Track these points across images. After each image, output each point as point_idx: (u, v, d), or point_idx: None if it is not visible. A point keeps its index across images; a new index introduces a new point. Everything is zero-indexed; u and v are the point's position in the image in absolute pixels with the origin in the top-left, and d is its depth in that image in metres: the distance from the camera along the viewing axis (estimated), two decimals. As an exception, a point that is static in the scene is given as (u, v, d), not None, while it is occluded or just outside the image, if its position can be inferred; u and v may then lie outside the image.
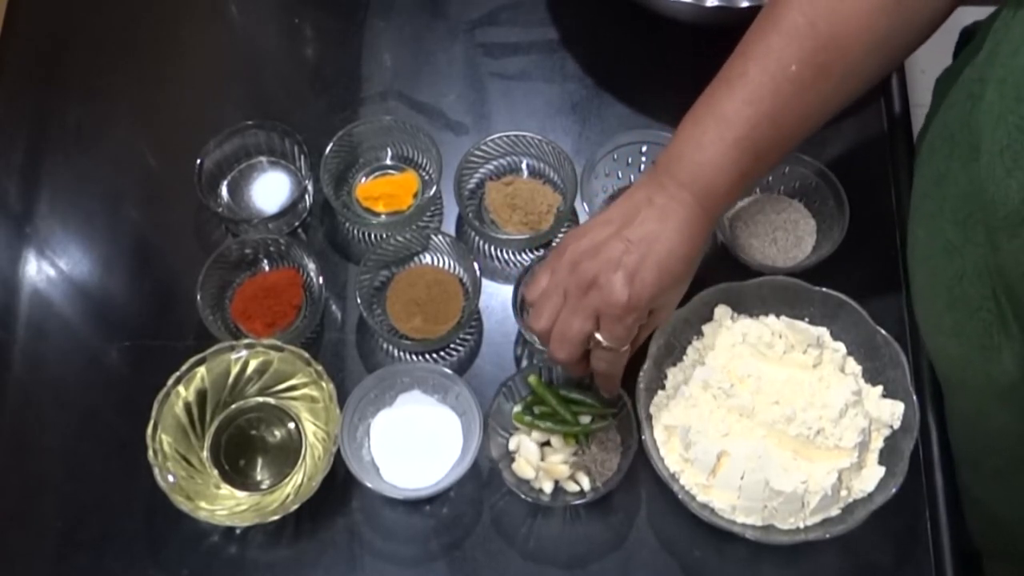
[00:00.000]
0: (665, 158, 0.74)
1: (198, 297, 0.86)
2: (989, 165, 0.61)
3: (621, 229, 0.72)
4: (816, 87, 0.71)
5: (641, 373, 0.82)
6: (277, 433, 0.85)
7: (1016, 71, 0.59)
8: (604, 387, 0.81)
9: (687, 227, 0.72)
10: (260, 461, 0.84)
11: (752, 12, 0.75)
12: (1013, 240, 0.60)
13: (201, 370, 0.82)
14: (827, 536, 0.78)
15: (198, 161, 0.92)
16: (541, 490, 0.82)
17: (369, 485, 0.80)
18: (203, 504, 0.80)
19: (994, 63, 0.64)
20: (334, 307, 0.92)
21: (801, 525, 0.79)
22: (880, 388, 0.82)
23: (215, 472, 0.83)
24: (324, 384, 0.82)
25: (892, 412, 0.81)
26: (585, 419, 0.84)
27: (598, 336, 0.74)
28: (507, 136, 0.93)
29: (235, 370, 0.84)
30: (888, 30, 0.70)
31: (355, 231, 0.95)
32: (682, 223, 0.72)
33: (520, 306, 0.88)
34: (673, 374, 0.84)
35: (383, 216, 0.94)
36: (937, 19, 0.72)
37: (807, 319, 0.85)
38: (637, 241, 0.72)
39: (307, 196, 0.94)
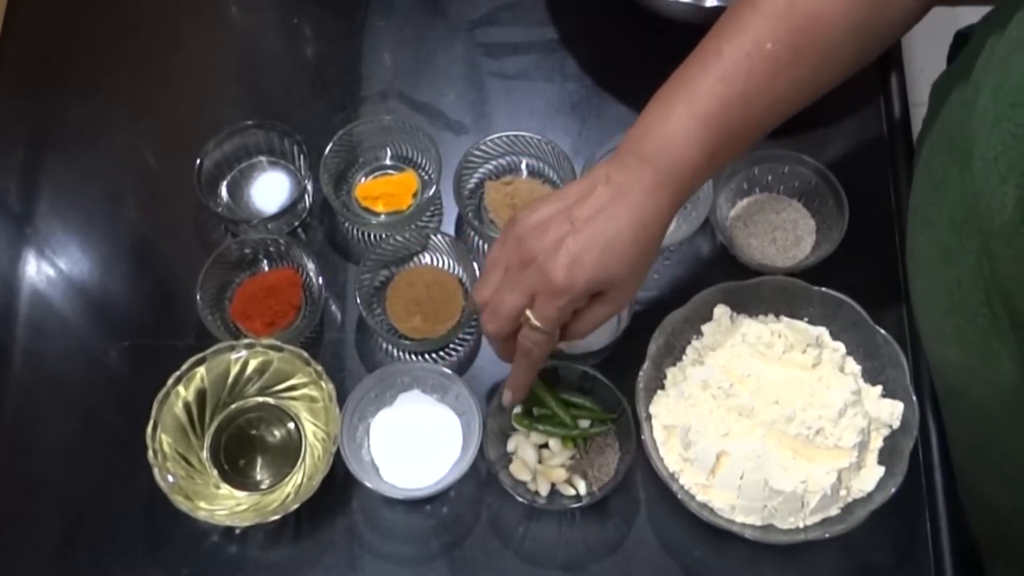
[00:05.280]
0: (631, 135, 0.72)
1: (198, 297, 0.86)
2: (983, 172, 0.60)
3: (572, 207, 0.70)
4: (791, 69, 0.69)
5: (640, 373, 0.82)
6: (277, 433, 0.85)
7: (1011, 75, 0.59)
8: (515, 381, 0.78)
9: (641, 208, 0.70)
10: (260, 461, 0.84)
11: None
12: (1008, 248, 0.59)
13: (201, 370, 0.82)
14: (826, 536, 0.78)
15: (198, 161, 0.92)
16: (537, 492, 0.82)
17: (369, 485, 0.80)
18: (203, 504, 0.80)
19: (989, 67, 0.63)
20: (334, 307, 0.92)
21: (801, 525, 0.79)
22: (879, 388, 0.82)
23: (215, 472, 0.83)
24: (324, 384, 0.82)
25: (891, 412, 0.81)
26: (584, 423, 0.83)
27: (528, 313, 0.72)
28: (506, 136, 0.93)
29: (235, 370, 0.84)
30: (867, 16, 0.69)
31: (354, 231, 0.95)
32: (637, 203, 0.69)
33: None
34: (672, 374, 0.84)
35: (382, 216, 0.94)
36: (917, 12, 0.71)
37: (806, 319, 0.85)
38: (584, 221, 0.70)
39: (307, 196, 0.94)
